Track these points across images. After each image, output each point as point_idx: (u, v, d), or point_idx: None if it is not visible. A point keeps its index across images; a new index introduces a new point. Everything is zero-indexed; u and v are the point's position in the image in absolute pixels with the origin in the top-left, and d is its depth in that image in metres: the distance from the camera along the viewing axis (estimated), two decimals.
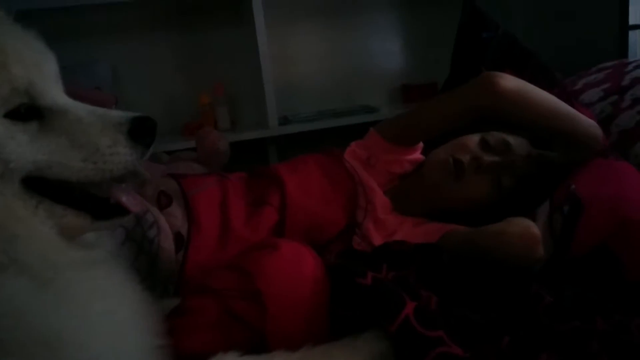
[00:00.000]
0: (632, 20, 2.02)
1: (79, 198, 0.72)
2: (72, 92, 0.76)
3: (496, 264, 0.99)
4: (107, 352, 0.67)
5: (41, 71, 0.69)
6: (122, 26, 2.18)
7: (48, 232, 0.69)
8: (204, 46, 2.28)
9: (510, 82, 1.18)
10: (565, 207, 1.07)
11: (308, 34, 2.43)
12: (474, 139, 1.25)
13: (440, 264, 1.00)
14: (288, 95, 2.33)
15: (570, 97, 1.40)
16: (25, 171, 0.66)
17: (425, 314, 0.80)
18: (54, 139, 0.68)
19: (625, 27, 2.02)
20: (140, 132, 0.70)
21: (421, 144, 1.37)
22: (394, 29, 2.56)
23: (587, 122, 1.21)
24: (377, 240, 1.19)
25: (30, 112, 0.67)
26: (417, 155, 1.37)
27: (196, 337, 0.84)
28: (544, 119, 1.19)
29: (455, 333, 0.78)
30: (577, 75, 1.73)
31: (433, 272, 0.98)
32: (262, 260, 0.87)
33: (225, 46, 2.28)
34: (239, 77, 2.29)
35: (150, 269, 1.05)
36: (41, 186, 0.68)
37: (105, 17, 2.13)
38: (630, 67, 1.57)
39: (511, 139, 1.23)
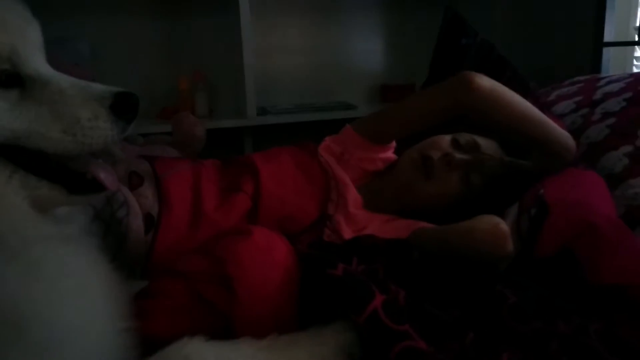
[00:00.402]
0: (607, 37, 2.08)
1: (55, 171, 0.71)
2: (51, 65, 0.75)
3: (464, 261, 1.01)
4: (73, 331, 0.66)
5: (25, 38, 0.68)
6: (105, 5, 2.14)
7: (20, 203, 0.68)
8: (186, 31, 2.26)
9: (486, 81, 1.20)
10: (533, 209, 1.10)
11: (291, 27, 2.43)
12: (445, 139, 1.28)
13: (409, 260, 1.02)
14: (268, 86, 2.33)
15: (542, 107, 1.43)
16: (2, 139, 0.65)
17: (393, 308, 0.81)
18: (34, 108, 0.67)
19: (600, 44, 2.08)
20: (122, 107, 0.69)
21: (394, 144, 1.39)
22: (375, 29, 2.58)
23: (561, 132, 1.24)
24: (347, 233, 1.20)
25: (11, 79, 0.66)
26: (390, 154, 1.39)
27: (163, 320, 0.83)
28: (517, 122, 1.21)
29: (421, 328, 0.79)
30: (550, 87, 1.78)
31: (402, 268, 0.99)
32: (233, 246, 0.87)
33: (208, 33, 2.27)
34: (220, 65, 2.28)
35: (117, 250, 1.04)
36: (16, 156, 0.67)
37: None
38: (602, 82, 1.61)
39: (480, 140, 1.27)
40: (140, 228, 1.07)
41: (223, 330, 0.83)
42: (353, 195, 1.28)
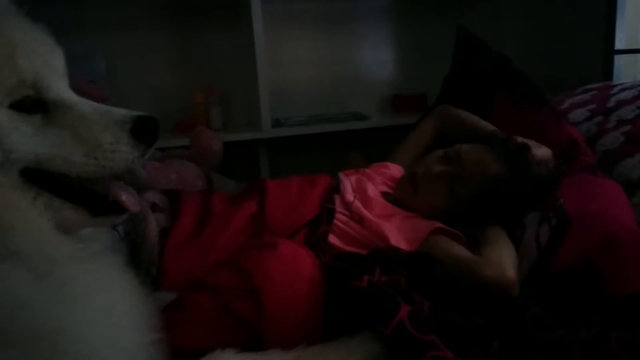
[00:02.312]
0: (618, 45, 2.09)
1: (78, 193, 0.72)
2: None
3: None
4: (104, 346, 0.68)
5: (48, 65, 0.70)
6: (120, 21, 2.17)
7: (45, 225, 0.69)
8: (200, 45, 2.28)
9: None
10: (553, 220, 1.11)
11: (303, 39, 2.45)
12: (438, 152, 1.35)
13: (432, 273, 1.03)
14: (281, 98, 2.35)
15: (559, 116, 1.45)
16: (25, 162, 0.67)
17: (419, 318, 0.82)
18: (57, 133, 0.68)
19: (611, 52, 2.09)
20: (142, 131, 0.71)
21: None
22: (387, 40, 2.60)
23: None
24: (368, 215, 1.24)
25: (35, 105, 0.68)
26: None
27: (193, 332, 0.85)
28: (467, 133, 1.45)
29: (446, 337, 0.81)
30: (563, 95, 1.79)
31: (424, 280, 1.01)
32: (260, 259, 0.89)
33: (222, 47, 2.29)
34: (234, 78, 2.30)
35: (135, 254, 1.10)
36: (41, 179, 0.69)
37: (104, 11, 2.13)
38: (615, 89, 1.62)
39: (466, 148, 1.31)
40: (155, 238, 1.14)
41: (251, 342, 0.84)
42: (372, 188, 1.35)
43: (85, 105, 0.72)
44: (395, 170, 1.50)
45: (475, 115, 1.52)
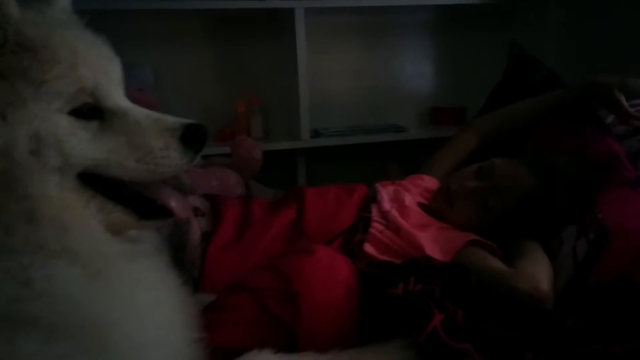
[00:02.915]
0: None
1: (129, 197, 0.76)
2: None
3: None
4: (150, 341, 0.71)
5: (107, 75, 0.74)
6: (165, 33, 2.25)
7: (98, 225, 0.73)
8: (242, 56, 2.34)
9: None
10: (591, 234, 1.10)
11: (344, 51, 2.48)
12: (472, 167, 1.36)
13: (466, 284, 1.04)
14: (320, 109, 2.38)
15: (603, 130, 1.44)
16: (83, 167, 0.70)
17: (452, 326, 0.84)
18: (113, 139, 0.72)
19: None
20: (191, 138, 0.74)
21: None
22: (426, 52, 2.61)
23: None
24: (405, 225, 1.25)
25: (92, 112, 0.72)
26: None
27: (232, 332, 0.89)
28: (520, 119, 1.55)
29: (480, 347, 0.82)
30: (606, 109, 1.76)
31: (459, 290, 1.01)
32: (299, 263, 0.92)
33: (263, 57, 2.35)
34: (275, 89, 2.35)
35: (179, 257, 1.13)
36: (95, 182, 0.73)
37: (152, 23, 2.21)
38: None
39: (499, 163, 1.31)
40: (197, 241, 1.18)
41: (288, 343, 0.87)
42: (409, 198, 1.37)
43: (139, 112, 0.75)
44: (429, 182, 1.51)
45: (508, 106, 1.59)
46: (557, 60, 2.35)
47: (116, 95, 0.75)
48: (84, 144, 0.70)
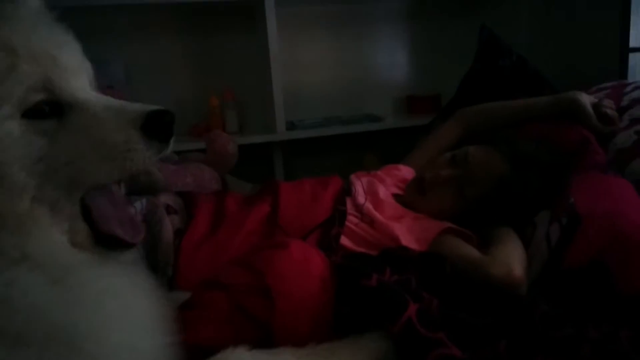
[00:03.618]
0: (633, 43, 2.07)
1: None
2: None
3: None
4: (122, 347, 0.68)
5: (59, 65, 0.67)
6: (136, 27, 2.22)
7: (59, 236, 0.68)
8: (215, 50, 2.32)
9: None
10: (564, 219, 1.11)
11: (317, 42, 2.48)
12: (446, 156, 1.37)
13: (442, 272, 1.05)
14: (295, 101, 2.37)
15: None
16: (44, 175, 0.65)
17: (426, 316, 0.84)
18: (72, 138, 0.66)
19: (625, 50, 2.07)
20: (155, 127, 0.67)
21: None
22: (400, 41, 2.61)
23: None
24: (379, 217, 1.26)
25: (52, 108, 0.65)
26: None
27: (207, 330, 0.87)
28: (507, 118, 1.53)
29: (454, 335, 0.82)
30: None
31: (434, 279, 1.02)
32: (272, 258, 0.91)
33: (236, 50, 2.33)
34: (248, 82, 2.34)
35: (152, 255, 1.12)
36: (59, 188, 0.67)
37: (120, 17, 2.18)
38: (629, 88, 1.61)
39: (473, 151, 1.32)
40: (170, 239, 1.16)
41: (263, 339, 0.87)
42: (383, 190, 1.37)
43: (99, 103, 0.68)
44: (406, 172, 1.51)
45: (498, 102, 1.57)
46: (529, 44, 2.38)
47: (73, 86, 0.68)
48: (42, 150, 0.64)
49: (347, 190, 1.35)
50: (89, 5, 1.94)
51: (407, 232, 1.22)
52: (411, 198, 1.35)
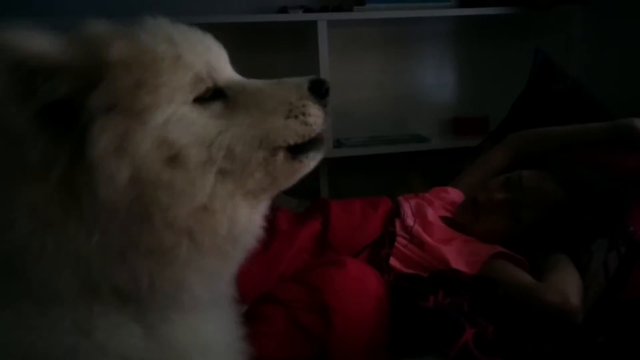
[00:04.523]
0: None
1: None
2: None
3: None
4: None
5: (214, 53, 0.70)
6: None
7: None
8: (266, 66, 2.35)
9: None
10: (622, 248, 1.09)
11: (366, 62, 2.50)
12: (499, 179, 1.36)
13: (494, 297, 1.04)
14: (343, 119, 2.39)
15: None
16: (225, 149, 0.64)
17: (483, 341, 0.84)
18: (247, 114, 0.67)
19: None
20: (319, 89, 0.70)
21: None
22: (448, 63, 2.61)
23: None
24: (429, 239, 1.25)
25: (216, 92, 0.67)
26: None
27: (264, 344, 0.89)
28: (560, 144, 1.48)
29: None
30: None
31: (487, 303, 1.01)
32: (329, 276, 0.92)
33: (287, 68, 2.37)
34: None
35: None
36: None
37: None
38: None
39: (526, 173, 1.31)
40: None
41: (319, 355, 0.88)
42: (431, 213, 1.37)
43: (254, 82, 0.72)
44: (455, 194, 1.51)
45: (551, 127, 1.53)
46: (580, 71, 2.34)
47: (228, 71, 0.72)
48: (219, 128, 0.64)
49: (396, 212, 1.36)
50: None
51: (457, 255, 1.21)
52: (463, 220, 1.35)
